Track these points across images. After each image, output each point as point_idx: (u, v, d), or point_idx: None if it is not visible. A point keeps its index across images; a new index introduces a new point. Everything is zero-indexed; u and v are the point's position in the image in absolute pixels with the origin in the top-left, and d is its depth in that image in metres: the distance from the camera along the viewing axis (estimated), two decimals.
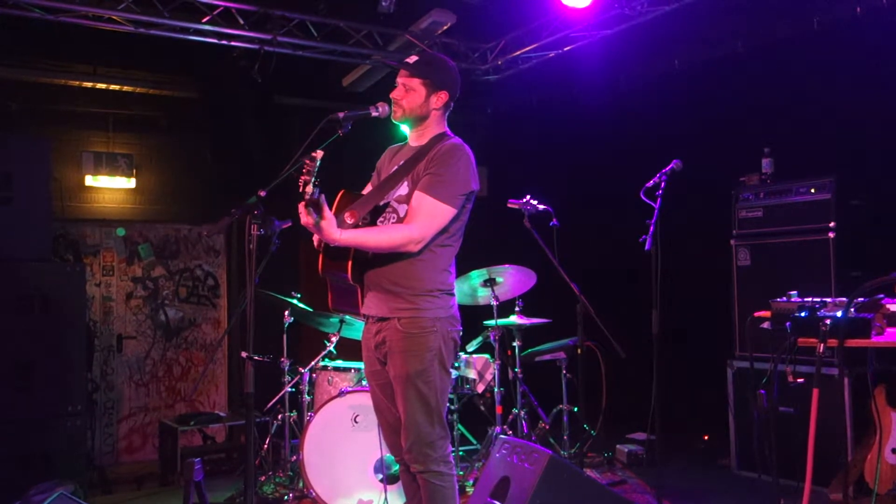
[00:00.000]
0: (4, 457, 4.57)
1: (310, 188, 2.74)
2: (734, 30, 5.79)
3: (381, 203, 3.13)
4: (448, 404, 3.86)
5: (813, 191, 4.99)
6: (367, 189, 3.39)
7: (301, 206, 2.83)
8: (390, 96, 3.17)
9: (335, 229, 2.89)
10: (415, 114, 3.15)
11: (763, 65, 5.72)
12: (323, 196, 2.83)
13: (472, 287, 5.23)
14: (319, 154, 2.73)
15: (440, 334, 3.06)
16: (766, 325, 3.24)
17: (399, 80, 3.16)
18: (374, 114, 3.13)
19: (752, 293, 5.17)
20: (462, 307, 3.30)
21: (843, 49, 5.15)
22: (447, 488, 3.06)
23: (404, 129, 3.33)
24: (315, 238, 3.17)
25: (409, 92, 3.13)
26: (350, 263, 3.08)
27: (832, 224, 4.85)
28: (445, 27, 6.17)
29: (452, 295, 3.16)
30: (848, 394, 4.54)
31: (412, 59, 3.16)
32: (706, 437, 6.05)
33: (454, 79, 3.20)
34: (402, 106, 3.14)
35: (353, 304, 3.24)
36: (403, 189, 3.12)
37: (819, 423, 2.97)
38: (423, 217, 2.99)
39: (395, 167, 3.22)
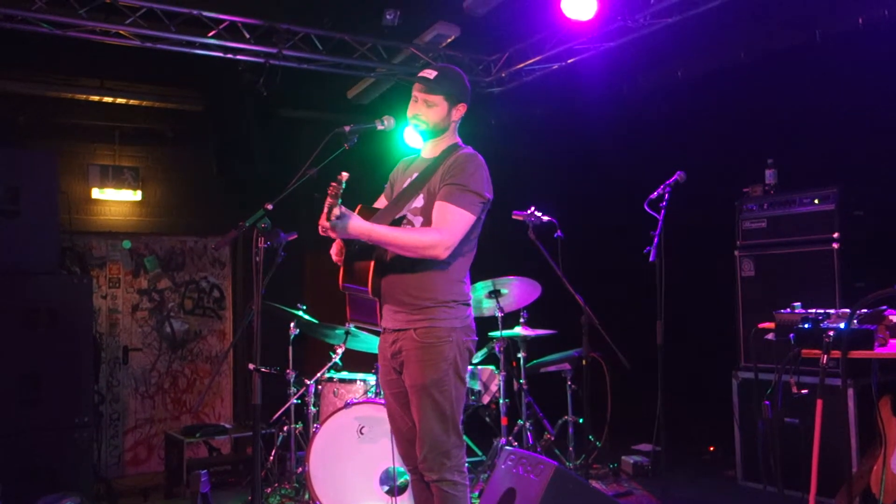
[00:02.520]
0: (12, 469, 4.58)
1: (337, 210, 2.78)
2: (737, 41, 5.81)
3: (398, 216, 3.16)
4: None
5: (817, 202, 4.99)
6: (380, 201, 3.42)
7: (323, 219, 2.84)
8: (411, 113, 3.20)
9: (363, 222, 2.92)
10: (437, 127, 3.21)
11: (766, 76, 5.74)
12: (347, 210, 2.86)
13: (476, 298, 5.24)
14: (345, 176, 2.77)
15: (455, 344, 3.09)
16: (770, 336, 3.25)
17: (417, 94, 3.19)
18: (380, 127, 3.17)
19: (757, 304, 5.17)
20: None
21: (846, 60, 5.17)
22: (460, 497, 3.08)
23: (411, 140, 3.36)
24: (335, 256, 3.19)
25: (432, 108, 3.17)
26: (370, 276, 3.11)
27: (836, 235, 4.85)
28: (450, 40, 6.21)
29: (468, 305, 3.20)
30: (853, 404, 4.53)
31: (431, 73, 3.18)
32: (712, 448, 6.05)
33: (468, 89, 3.26)
34: (424, 121, 3.18)
35: (371, 316, 3.26)
36: (419, 201, 3.16)
37: (824, 433, 2.98)
38: (448, 224, 3.02)
39: (409, 179, 3.25)
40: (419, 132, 3.24)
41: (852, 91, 5.17)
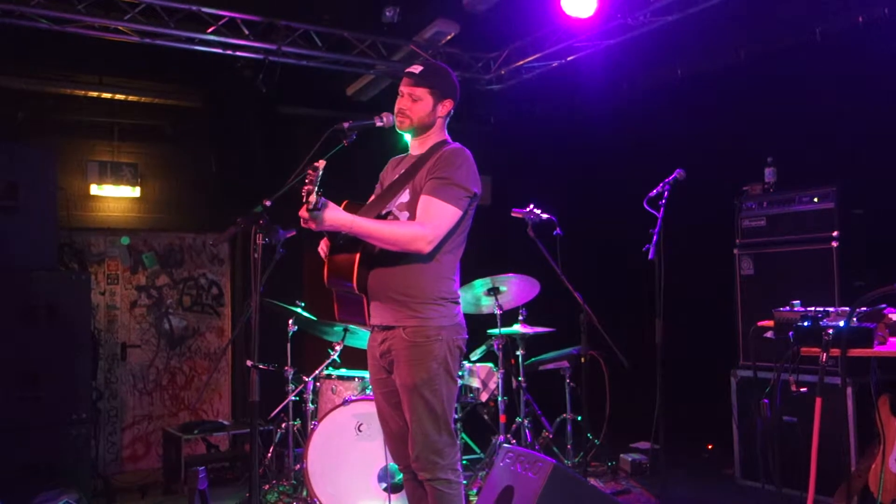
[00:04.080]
0: (10, 464, 4.59)
1: (313, 197, 2.75)
2: (737, 39, 5.81)
3: (383, 212, 3.14)
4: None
5: (816, 200, 4.99)
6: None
7: (303, 212, 2.83)
8: (396, 107, 3.18)
9: (344, 214, 2.90)
10: (422, 122, 3.17)
11: (766, 74, 5.74)
12: (325, 199, 2.84)
13: (475, 296, 5.24)
14: (322, 164, 2.74)
15: (445, 343, 3.07)
16: (769, 334, 3.24)
17: (403, 89, 3.17)
18: (379, 123, 3.16)
19: (756, 302, 5.16)
20: (466, 316, 3.29)
21: (846, 58, 5.17)
22: (455, 496, 3.07)
23: (407, 138, 3.35)
24: (322, 249, 3.19)
25: (416, 102, 3.14)
26: (355, 272, 3.08)
27: (835, 233, 4.85)
28: (449, 37, 6.20)
29: (457, 303, 3.17)
30: (852, 403, 4.53)
31: (416, 68, 3.18)
32: (710, 447, 6.05)
33: (456, 86, 3.24)
34: (408, 116, 3.15)
35: (359, 315, 3.23)
36: (405, 197, 3.14)
37: (824, 432, 2.97)
38: (431, 218, 2.99)
39: (396, 176, 3.24)
40: (405, 129, 3.19)
41: (852, 89, 5.17)
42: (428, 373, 3.03)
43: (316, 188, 2.74)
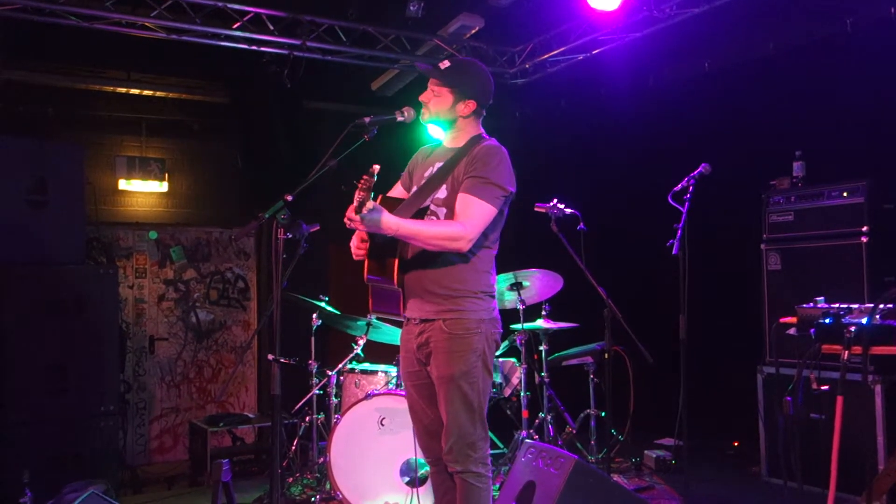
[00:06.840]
0: (39, 456, 4.66)
1: (370, 203, 2.78)
2: (765, 31, 5.72)
3: (422, 207, 3.16)
4: None
5: (845, 194, 4.91)
6: (395, 189, 3.41)
7: (351, 212, 2.83)
8: (419, 98, 3.21)
9: (392, 217, 2.91)
10: (441, 118, 3.20)
11: (795, 66, 5.65)
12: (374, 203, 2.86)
13: (498, 291, 5.22)
14: (377, 169, 2.76)
15: (484, 335, 3.09)
16: (791, 331, 3.20)
17: (430, 82, 3.21)
18: (400, 119, 3.17)
19: (783, 298, 5.09)
20: None
21: (877, 50, 5.07)
22: (484, 489, 3.08)
23: (434, 132, 3.36)
24: (354, 248, 3.19)
25: (436, 97, 3.17)
26: (395, 268, 3.11)
27: (865, 228, 4.77)
28: (473, 31, 6.18)
29: (494, 297, 3.20)
30: (880, 401, 4.46)
31: (444, 64, 3.19)
32: (736, 444, 5.99)
33: (484, 86, 3.22)
34: (429, 109, 3.20)
35: (394, 307, 3.25)
36: (442, 192, 3.15)
37: (852, 430, 2.93)
38: (470, 217, 3.01)
39: (431, 169, 3.25)
40: (426, 120, 3.23)
41: (883, 82, 5.06)
42: (467, 365, 3.04)
43: (371, 195, 2.75)
